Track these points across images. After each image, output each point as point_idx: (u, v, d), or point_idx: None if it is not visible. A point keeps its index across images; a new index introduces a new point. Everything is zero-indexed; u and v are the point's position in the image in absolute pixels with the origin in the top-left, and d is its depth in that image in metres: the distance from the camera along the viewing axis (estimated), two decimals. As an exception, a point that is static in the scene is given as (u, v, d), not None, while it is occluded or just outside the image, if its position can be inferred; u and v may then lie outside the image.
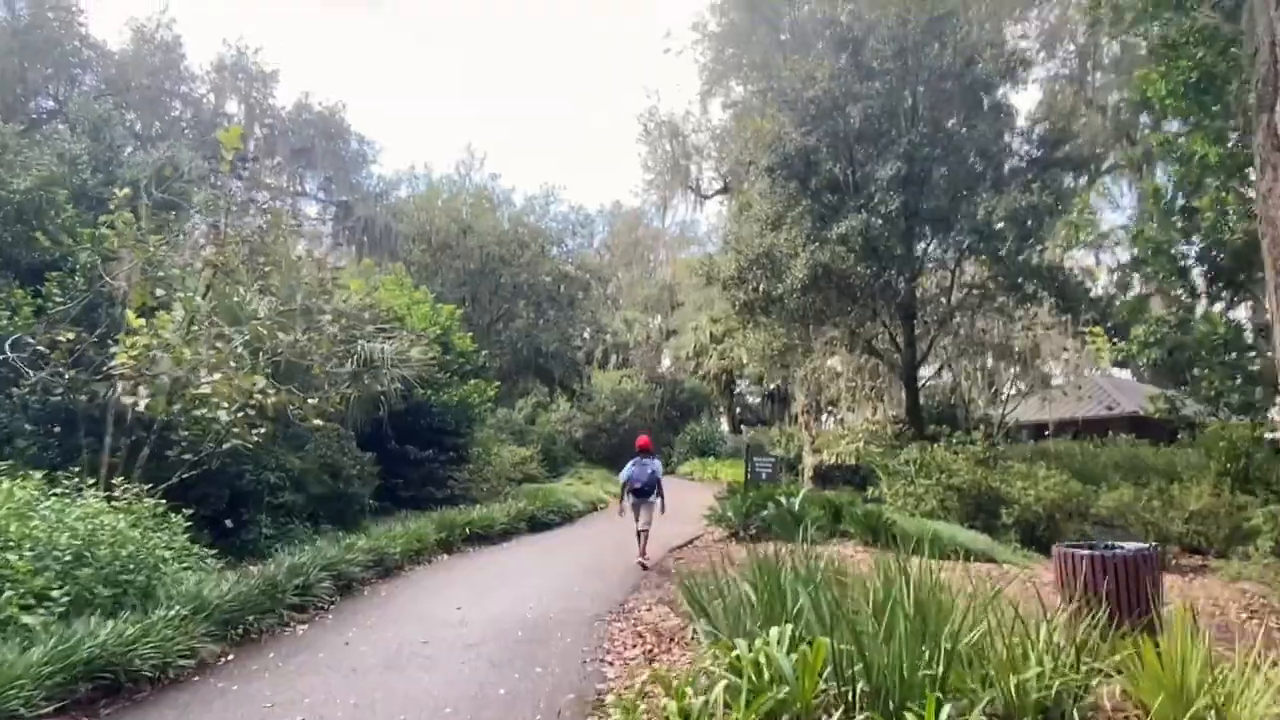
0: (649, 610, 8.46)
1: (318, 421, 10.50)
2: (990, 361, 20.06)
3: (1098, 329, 21.32)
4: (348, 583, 9.39)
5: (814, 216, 19.15)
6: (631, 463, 12.70)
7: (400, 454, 16.38)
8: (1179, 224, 13.56)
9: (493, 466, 18.98)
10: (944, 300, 18.65)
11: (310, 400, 10.78)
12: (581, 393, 38.18)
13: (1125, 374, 30.69)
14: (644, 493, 12.45)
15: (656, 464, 12.75)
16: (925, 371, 21.56)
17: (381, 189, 35.24)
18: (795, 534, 12.27)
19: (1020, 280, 17.84)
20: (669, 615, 8.24)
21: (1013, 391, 24.38)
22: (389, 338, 15.51)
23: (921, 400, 21.65)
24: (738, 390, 49.84)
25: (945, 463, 15.21)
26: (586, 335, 41.66)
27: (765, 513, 13.69)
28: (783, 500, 14.21)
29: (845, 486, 26.37)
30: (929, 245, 18.83)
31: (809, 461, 29.36)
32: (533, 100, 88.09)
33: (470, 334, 20.98)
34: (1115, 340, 16.66)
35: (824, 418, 30.73)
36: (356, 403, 14.56)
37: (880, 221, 17.43)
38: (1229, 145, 12.59)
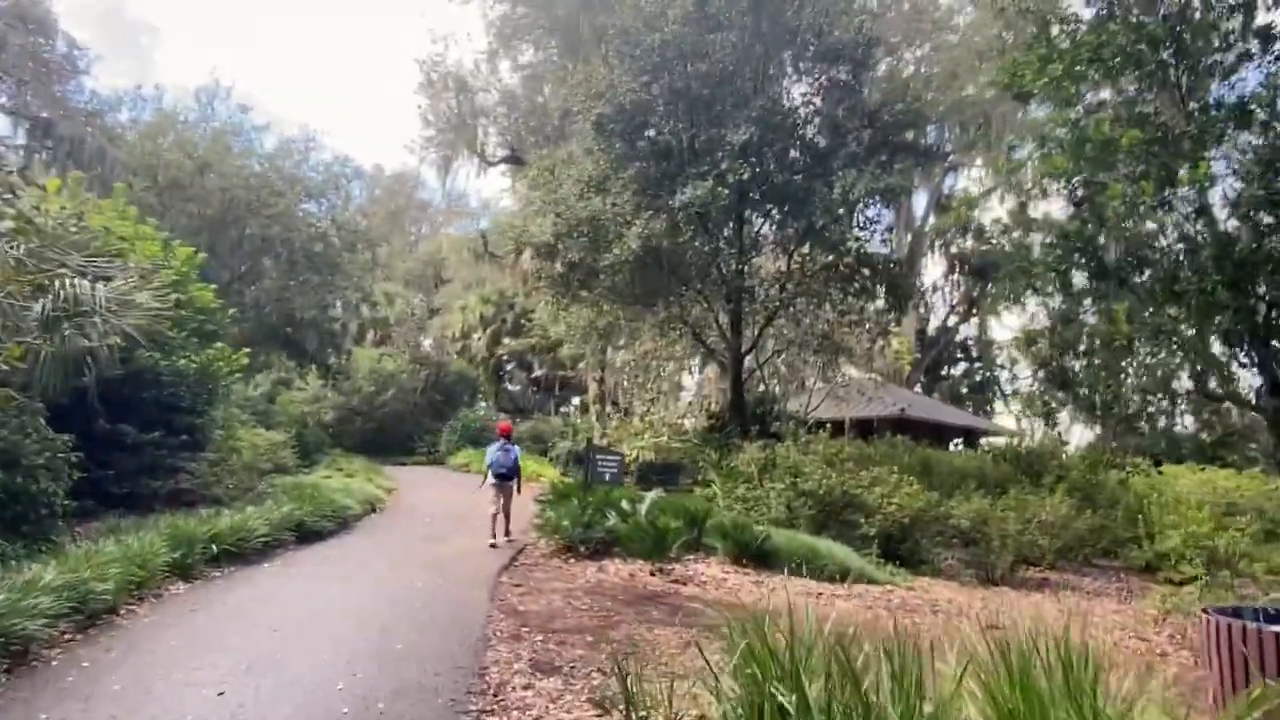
0: (529, 689, 5.66)
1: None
2: (811, 356, 19.03)
3: (897, 332, 21.07)
4: (22, 646, 5.75)
5: (645, 182, 16.98)
6: (495, 447, 12.98)
7: (113, 436, 12.07)
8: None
9: (239, 455, 14.90)
10: (779, 287, 17.20)
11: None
12: (339, 370, 33.48)
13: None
14: (506, 477, 12.71)
15: (516, 450, 13.14)
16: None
17: (96, 107, 28.45)
18: (654, 550, 9.99)
19: (860, 270, 16.81)
20: (563, 697, 5.51)
21: (817, 388, 23.82)
22: (103, 276, 11.24)
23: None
24: (506, 374, 47.05)
25: (798, 464, 13.62)
26: (348, 305, 36.80)
27: (610, 522, 11.23)
28: (626, 506, 11.84)
29: (641, 484, 24.67)
30: (770, 225, 17.30)
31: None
32: (290, 33, 79.09)
33: (211, 287, 16.55)
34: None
35: (610, 409, 28.87)
36: (50, 363, 10.25)
37: (726, 192, 15.58)
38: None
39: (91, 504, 11.87)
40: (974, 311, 47.88)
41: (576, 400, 47.80)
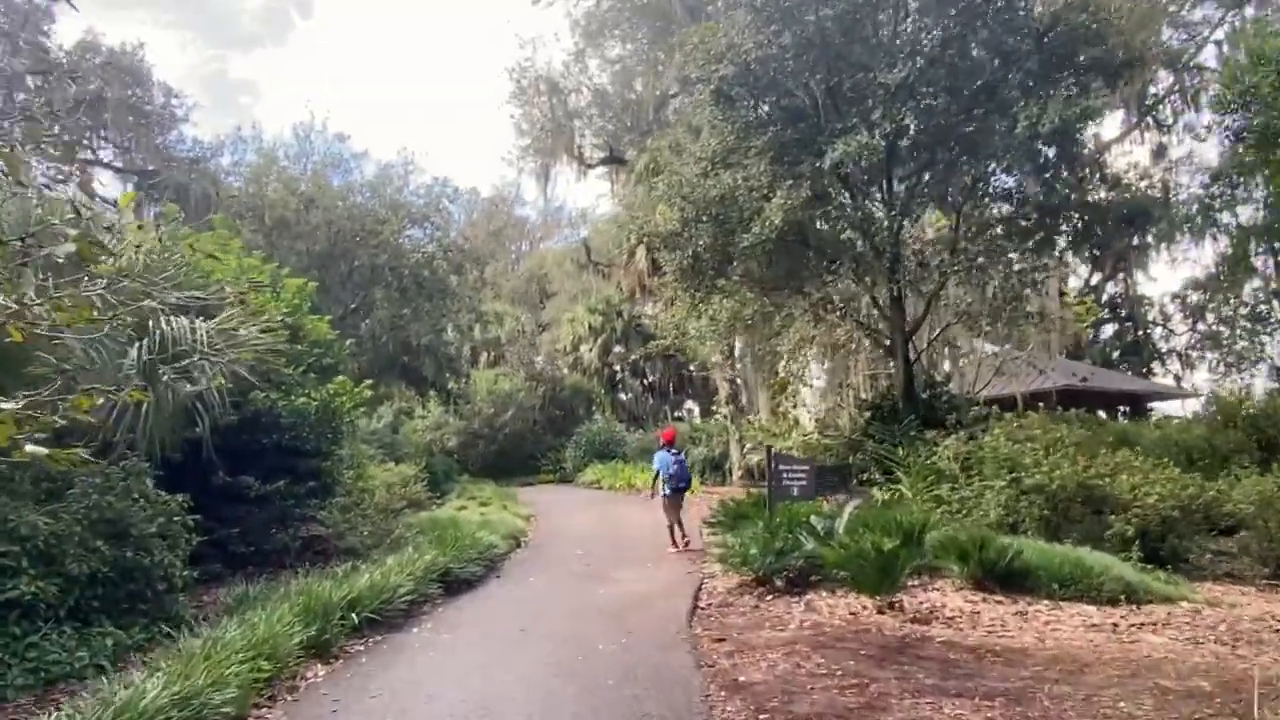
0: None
1: (38, 449, 5.18)
2: (989, 327, 16.50)
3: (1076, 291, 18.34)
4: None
5: (781, 148, 14.93)
6: (666, 457, 12.95)
7: (233, 489, 10.88)
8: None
9: (371, 496, 13.62)
10: (948, 250, 14.82)
11: (40, 411, 5.47)
12: (458, 394, 32.63)
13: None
14: (680, 489, 12.82)
15: (684, 458, 13.32)
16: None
17: (198, 154, 28.42)
18: (879, 580, 7.93)
19: (1045, 219, 14.29)
20: None
21: (983, 364, 21.17)
22: (204, 314, 10.04)
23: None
24: (619, 382, 45.55)
25: (1014, 455, 11.26)
26: (461, 328, 36.05)
27: (808, 546, 9.23)
28: (817, 523, 9.80)
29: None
30: (931, 179, 14.93)
31: (737, 458, 25.42)
32: (379, 63, 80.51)
33: (326, 318, 15.45)
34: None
35: (748, 406, 26.81)
36: (153, 414, 9.06)
37: (882, 144, 13.36)
38: None
39: (217, 567, 10.69)
40: (1120, 266, 43.55)
41: (690, 405, 46.01)
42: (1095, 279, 44.76)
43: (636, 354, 40.70)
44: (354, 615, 8.05)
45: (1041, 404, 20.68)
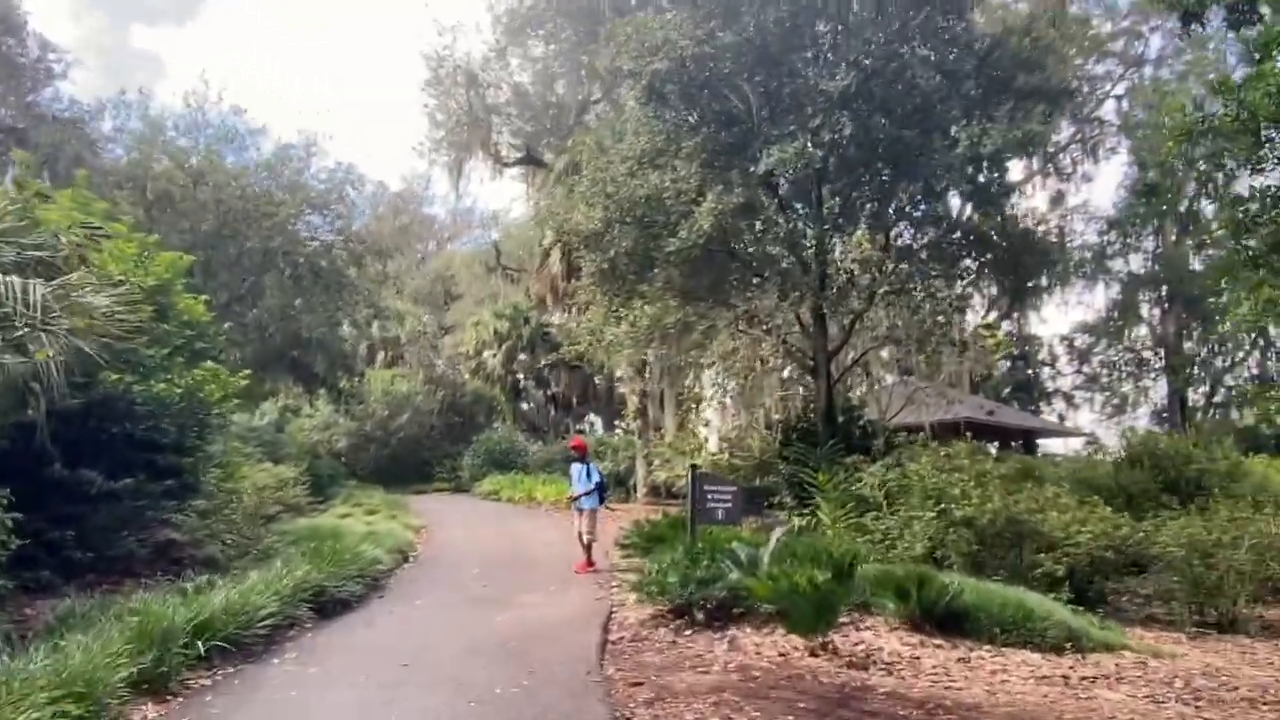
0: None
1: None
2: (912, 353, 16.18)
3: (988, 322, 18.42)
4: None
5: (713, 150, 14.24)
6: (579, 469, 12.24)
7: (71, 484, 9.32)
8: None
9: (239, 498, 12.09)
10: (874, 272, 14.38)
11: None
12: (351, 393, 30.75)
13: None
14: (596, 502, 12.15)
15: (598, 469, 12.68)
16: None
17: (75, 114, 25.86)
18: (814, 619, 7.16)
19: (973, 245, 14.03)
20: None
21: (896, 391, 20.99)
22: (45, 275, 8.52)
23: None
24: (523, 391, 44.19)
25: (942, 485, 10.73)
26: (359, 323, 34.14)
27: (732, 577, 8.38)
28: (740, 551, 8.98)
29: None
30: (862, 198, 14.48)
31: (642, 475, 24.59)
32: (289, 46, 76.98)
33: (203, 298, 13.83)
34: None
35: (655, 421, 26.03)
36: (-31, 392, 7.54)
37: (819, 154, 12.79)
38: None
39: (48, 575, 9.12)
40: (1015, 306, 45.02)
41: (593, 418, 45.12)
42: (991, 316, 46.07)
43: (543, 362, 39.51)
44: (200, 639, 6.72)
45: (949, 435, 20.64)
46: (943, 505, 10.51)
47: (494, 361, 40.55)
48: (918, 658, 7.16)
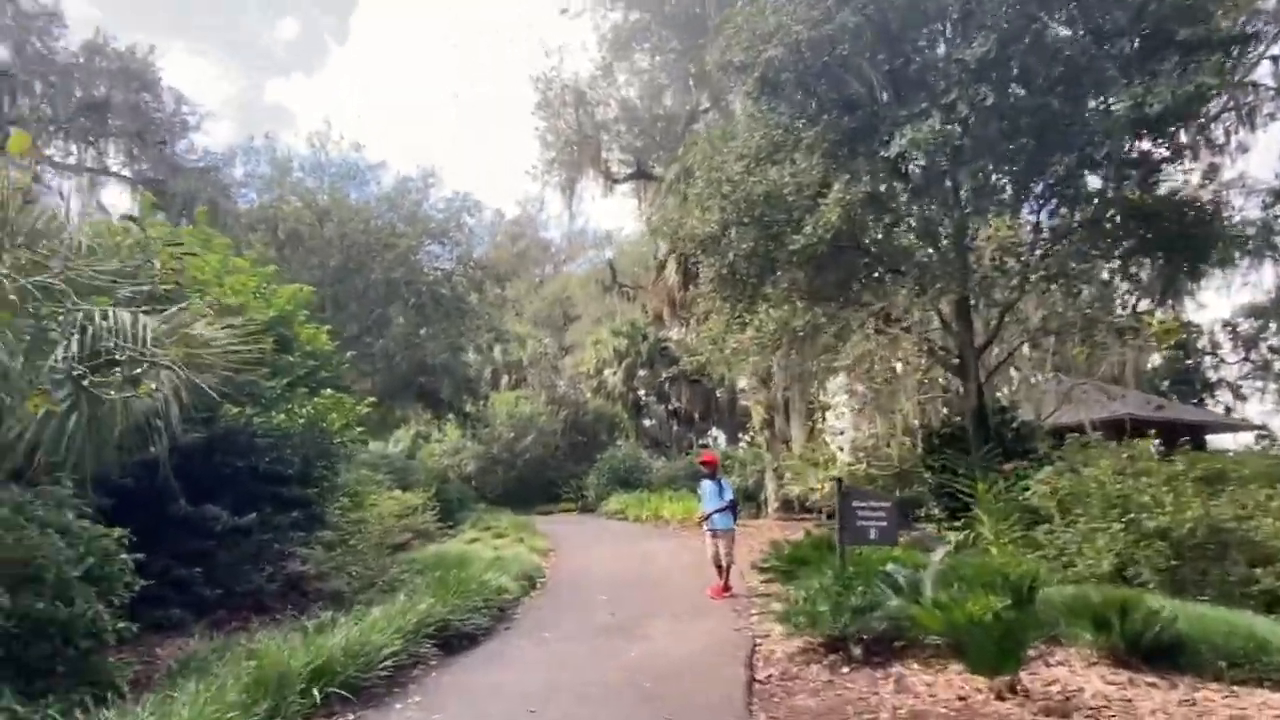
0: None
1: None
2: (1071, 345, 14.61)
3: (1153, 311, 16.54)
4: None
5: (837, 139, 13.26)
6: (710, 487, 11.38)
7: (196, 520, 9.22)
8: None
9: (368, 527, 11.89)
10: (1023, 258, 12.98)
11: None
12: (476, 417, 31.03)
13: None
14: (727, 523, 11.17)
15: (729, 487, 11.79)
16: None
17: (208, 163, 27.22)
18: (997, 655, 6.08)
19: (1139, 223, 12.46)
20: None
21: (1050, 389, 19.21)
22: (156, 308, 8.45)
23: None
24: (644, 408, 43.72)
25: (1128, 493, 9.35)
26: (481, 348, 34.53)
27: (892, 604, 7.39)
28: (898, 575, 7.95)
29: (828, 524, 20.58)
30: (1006, 175, 13.12)
31: (773, 490, 23.51)
32: (407, 83, 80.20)
33: (326, 330, 13.84)
34: None
35: (782, 433, 24.90)
36: (88, 429, 7.46)
37: (957, 130, 11.61)
38: None
39: (178, 613, 9.02)
40: (1169, 291, 41.21)
41: (716, 432, 44.24)
42: (1143, 304, 42.26)
43: (663, 376, 38.99)
44: (319, 683, 6.30)
45: (1111, 434, 18.70)
46: (1130, 515, 9.12)
47: (614, 379, 40.40)
48: (1129, 700, 5.97)
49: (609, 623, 9.58)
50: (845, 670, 7.08)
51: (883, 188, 13.82)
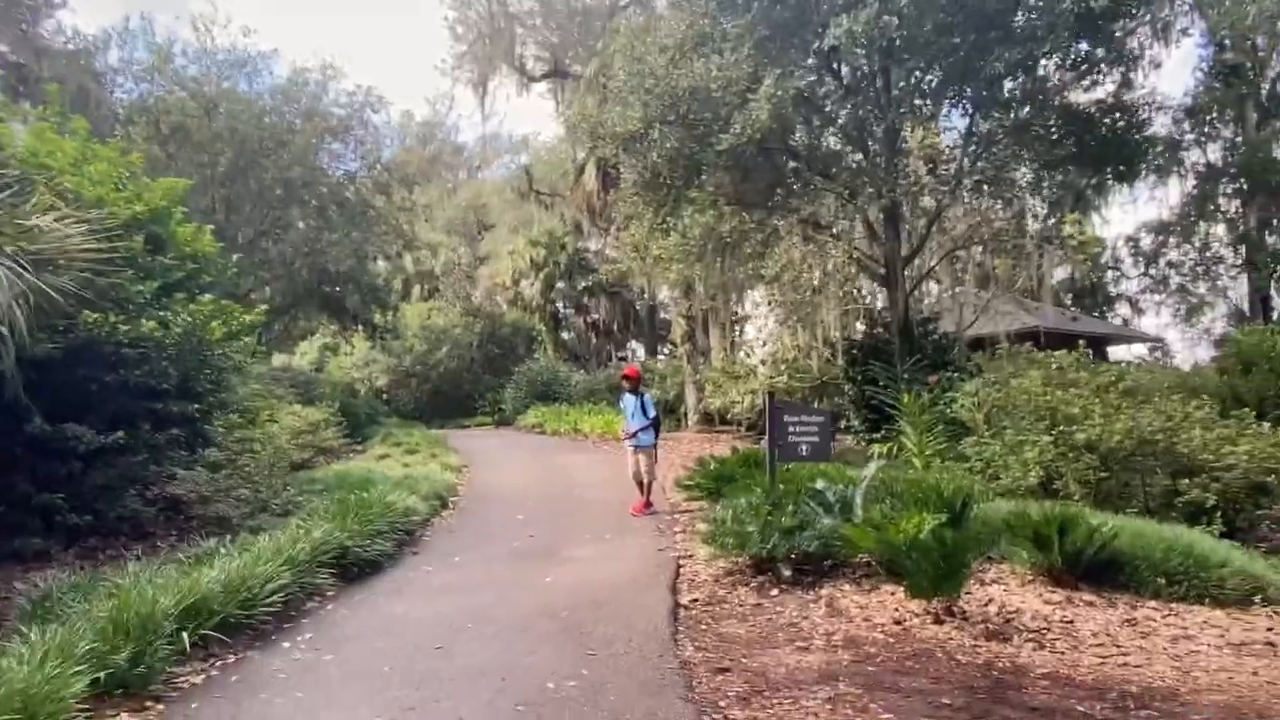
0: None
1: None
2: (993, 256, 14.39)
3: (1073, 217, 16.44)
4: None
5: (769, 30, 12.39)
6: (631, 401, 10.75)
7: (56, 440, 8.16)
8: None
9: (259, 446, 10.92)
10: (955, 162, 12.52)
11: None
12: (386, 328, 29.71)
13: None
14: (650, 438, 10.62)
15: (650, 398, 11.10)
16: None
17: (79, 46, 24.39)
18: (936, 578, 5.77)
19: (1067, 129, 12.11)
20: None
21: (968, 301, 19.20)
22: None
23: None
24: (562, 320, 42.84)
25: (1058, 404, 9.16)
26: (389, 255, 32.88)
27: (823, 523, 7.01)
28: (829, 494, 7.58)
29: (748, 436, 20.51)
30: (946, 70, 12.49)
31: (693, 403, 23.27)
32: (297, -10, 74.27)
33: (210, 229, 12.45)
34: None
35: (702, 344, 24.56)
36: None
37: (895, 21, 10.87)
38: None
39: (38, 542, 8.08)
40: (1077, 205, 42.08)
41: (634, 345, 43.85)
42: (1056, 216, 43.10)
43: (581, 288, 38.09)
44: (189, 620, 5.54)
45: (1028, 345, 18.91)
46: (1059, 427, 8.96)
47: (531, 291, 39.30)
48: (1070, 621, 5.75)
49: (526, 546, 9.04)
50: (774, 593, 6.71)
51: (814, 86, 13.06)
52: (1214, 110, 36.65)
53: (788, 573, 6.83)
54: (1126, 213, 61.87)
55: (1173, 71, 58.79)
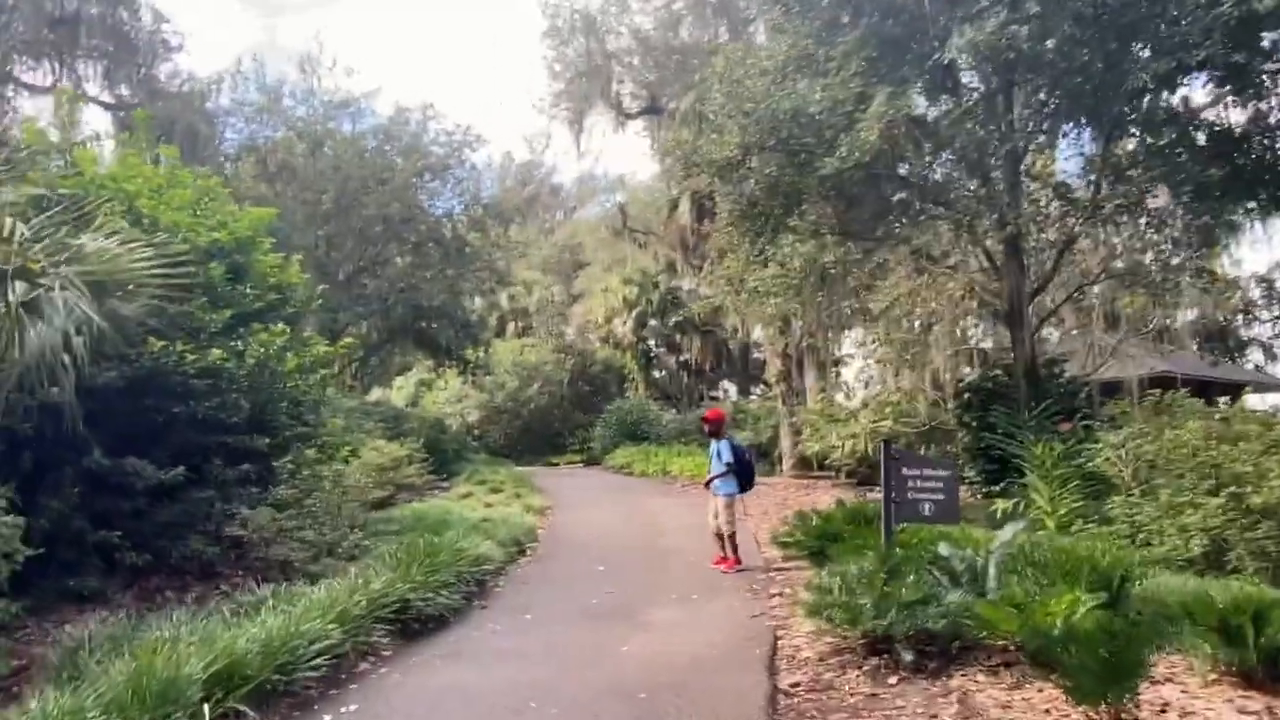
0: None
1: None
2: (1128, 293, 12.96)
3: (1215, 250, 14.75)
4: None
5: (877, 48, 11.49)
6: (723, 447, 9.86)
7: (112, 475, 7.79)
8: None
9: (331, 483, 10.41)
10: (1090, 191, 11.23)
11: None
12: (478, 365, 29.61)
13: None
14: (742, 485, 9.82)
15: (730, 443, 10.09)
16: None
17: (192, 88, 25.41)
18: (1104, 678, 4.63)
19: (1238, 154, 10.72)
20: None
21: (1099, 342, 17.57)
22: (59, 219, 6.93)
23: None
24: (653, 359, 42.10)
25: (1225, 460, 7.80)
26: (484, 292, 32.96)
27: (950, 598, 5.92)
28: (955, 561, 6.48)
29: (848, 483, 19.21)
30: (1077, 86, 11.27)
31: (788, 446, 22.09)
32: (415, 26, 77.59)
33: (296, 259, 12.22)
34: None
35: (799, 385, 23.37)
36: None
37: (1024, 31, 9.80)
38: None
39: (94, 583, 7.68)
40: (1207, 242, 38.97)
41: (727, 384, 42.81)
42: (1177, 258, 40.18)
43: (672, 322, 37.41)
44: (207, 706, 4.88)
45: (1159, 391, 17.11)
46: (1226, 488, 7.59)
47: (623, 329, 38.86)
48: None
49: (604, 603, 8.18)
50: (892, 681, 5.64)
51: (927, 108, 12.05)
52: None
53: (909, 656, 5.75)
54: (1258, 250, 57.29)
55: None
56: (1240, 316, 41.87)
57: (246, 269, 10.56)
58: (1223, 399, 26.68)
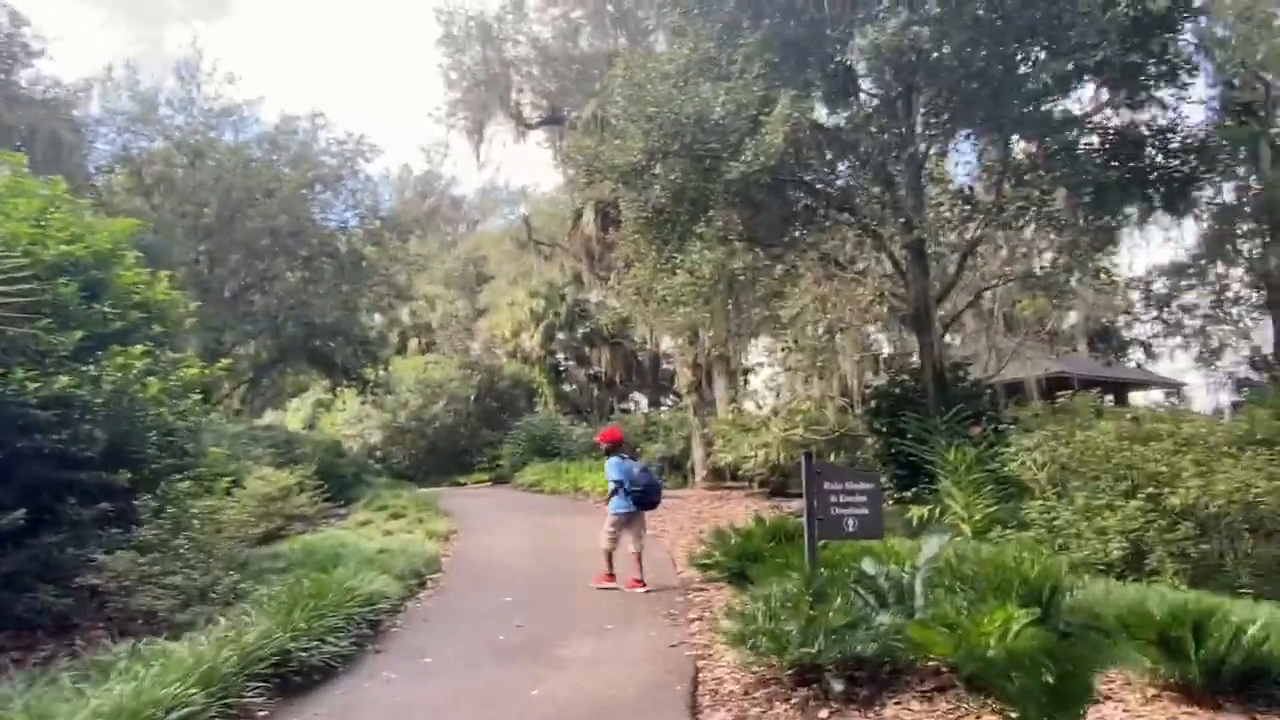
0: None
1: None
2: (1028, 297, 13.12)
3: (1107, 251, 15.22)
4: None
5: (780, 50, 11.29)
6: (622, 460, 9.66)
7: (-59, 525, 6.77)
8: None
9: (203, 519, 9.40)
10: (994, 188, 11.29)
11: None
12: (378, 383, 28.37)
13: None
14: (647, 504, 9.45)
15: (620, 462, 9.78)
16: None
17: (57, 95, 23.49)
18: (1049, 704, 4.33)
19: (1112, 152, 10.92)
20: None
21: (999, 342, 17.89)
22: None
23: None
24: (563, 372, 41.48)
25: (1139, 461, 7.75)
26: (383, 308, 31.65)
27: (879, 620, 5.57)
28: (879, 579, 6.16)
29: (761, 493, 19.06)
30: (978, 89, 11.30)
31: (700, 457, 21.84)
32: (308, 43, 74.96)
33: (166, 275, 11.15)
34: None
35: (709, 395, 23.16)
36: None
37: (925, 32, 9.71)
38: None
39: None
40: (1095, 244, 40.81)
41: (637, 396, 42.55)
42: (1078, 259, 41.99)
43: (580, 336, 36.91)
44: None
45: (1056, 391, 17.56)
46: (1144, 489, 7.54)
47: (531, 342, 38.17)
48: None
49: (512, 639, 7.56)
50: (823, 715, 5.23)
51: (829, 115, 11.93)
52: (1227, 149, 35.72)
53: (839, 686, 5.35)
54: (1135, 254, 60.68)
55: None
56: (1121, 318, 44.03)
57: (106, 285, 9.54)
58: (1108, 398, 27.93)
